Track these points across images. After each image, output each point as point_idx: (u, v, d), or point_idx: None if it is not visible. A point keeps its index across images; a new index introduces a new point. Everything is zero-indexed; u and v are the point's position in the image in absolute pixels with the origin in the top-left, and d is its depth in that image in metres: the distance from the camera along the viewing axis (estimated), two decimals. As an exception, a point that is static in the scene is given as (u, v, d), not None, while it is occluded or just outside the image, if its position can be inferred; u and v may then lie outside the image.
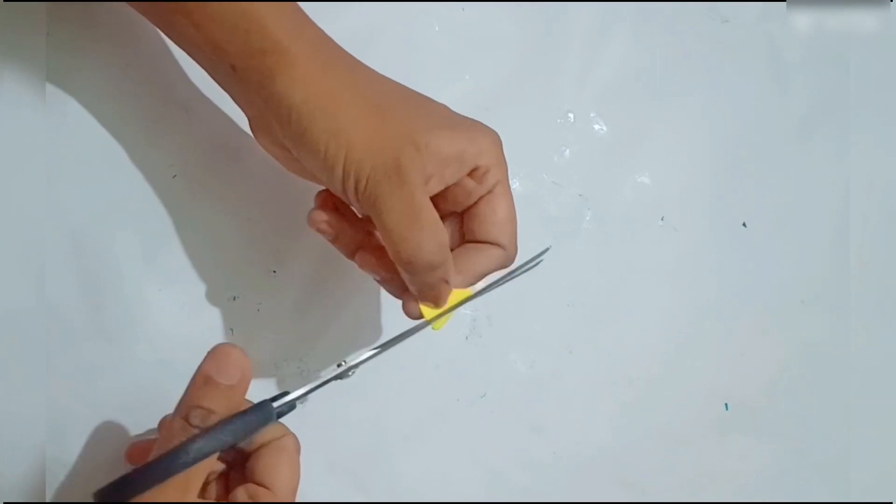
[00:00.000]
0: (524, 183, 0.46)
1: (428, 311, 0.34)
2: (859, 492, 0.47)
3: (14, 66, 0.38)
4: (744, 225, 0.48)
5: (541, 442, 0.44)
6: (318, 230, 0.35)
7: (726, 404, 0.46)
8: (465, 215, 0.35)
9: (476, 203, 0.34)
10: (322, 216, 0.35)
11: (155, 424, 0.39)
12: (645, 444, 0.45)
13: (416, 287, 0.33)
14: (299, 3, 0.34)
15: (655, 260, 0.47)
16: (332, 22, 0.40)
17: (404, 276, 0.33)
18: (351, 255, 0.36)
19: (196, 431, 0.28)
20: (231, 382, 0.29)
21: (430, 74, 0.44)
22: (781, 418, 0.47)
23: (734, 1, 0.49)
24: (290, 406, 0.31)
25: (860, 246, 0.49)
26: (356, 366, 0.33)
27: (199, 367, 0.29)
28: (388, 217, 0.31)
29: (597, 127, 0.47)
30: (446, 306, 0.34)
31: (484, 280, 0.35)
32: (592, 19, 0.47)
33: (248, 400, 0.32)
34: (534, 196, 0.46)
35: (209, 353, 0.29)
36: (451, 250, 0.35)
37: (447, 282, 0.33)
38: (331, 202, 0.36)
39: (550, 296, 0.45)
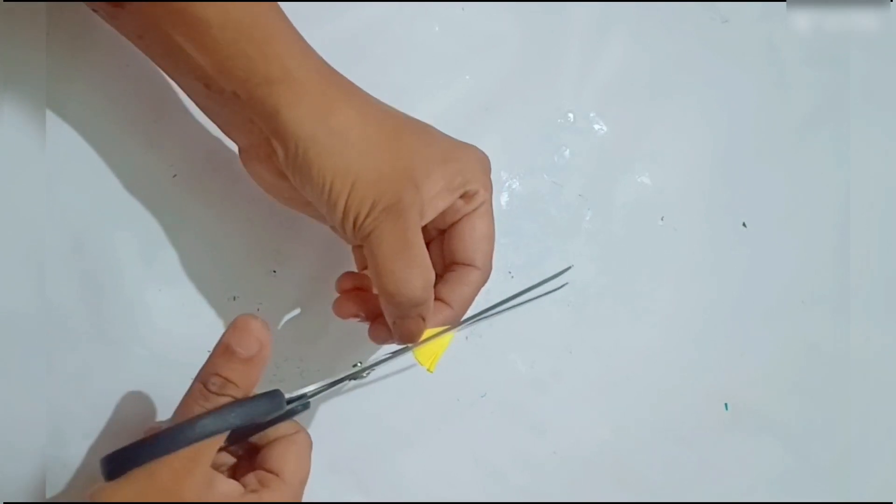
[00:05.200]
0: (524, 183, 0.46)
1: (418, 349, 0.35)
2: (859, 492, 0.47)
3: (14, 66, 0.38)
4: (744, 225, 0.48)
5: (541, 442, 0.44)
6: (348, 317, 0.36)
7: (726, 404, 0.46)
8: (446, 233, 0.36)
9: (458, 220, 0.35)
10: (349, 306, 0.35)
11: (154, 424, 0.39)
12: (645, 444, 0.45)
13: (393, 319, 0.33)
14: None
15: (655, 260, 0.47)
16: (332, 22, 0.40)
17: (385, 307, 0.33)
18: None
19: (213, 397, 0.29)
20: (249, 354, 0.29)
21: (430, 74, 0.45)
22: (781, 418, 0.47)
23: (734, 1, 0.49)
24: (304, 405, 0.32)
25: (860, 246, 0.49)
26: (372, 367, 0.33)
27: (222, 336, 0.30)
28: (380, 250, 0.31)
29: (597, 127, 0.47)
30: (430, 340, 0.35)
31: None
32: (592, 19, 0.47)
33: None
34: (534, 196, 0.46)
35: (232, 322, 0.30)
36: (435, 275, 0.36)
37: (423, 319, 0.33)
38: (349, 284, 0.36)
39: (550, 296, 0.45)
